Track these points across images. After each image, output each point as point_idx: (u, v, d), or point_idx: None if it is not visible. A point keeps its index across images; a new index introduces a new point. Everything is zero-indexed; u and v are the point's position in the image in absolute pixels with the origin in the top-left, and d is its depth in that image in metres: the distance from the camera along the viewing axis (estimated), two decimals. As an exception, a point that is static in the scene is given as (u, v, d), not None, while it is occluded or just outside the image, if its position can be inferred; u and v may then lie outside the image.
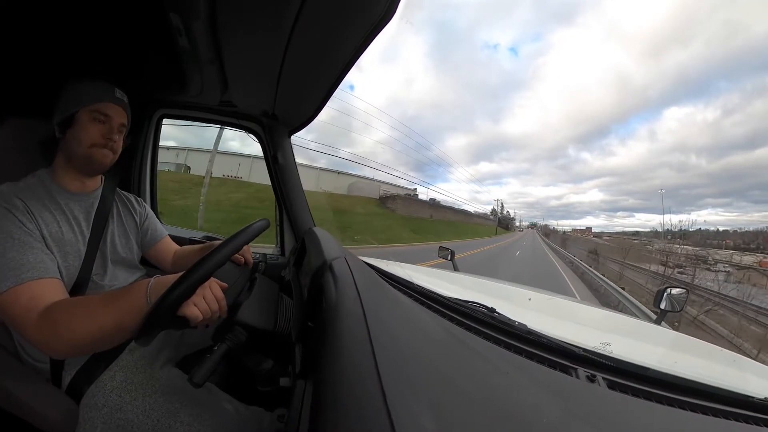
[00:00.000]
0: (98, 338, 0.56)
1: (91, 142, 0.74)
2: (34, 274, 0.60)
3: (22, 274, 0.59)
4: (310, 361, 0.49)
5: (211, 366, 0.63)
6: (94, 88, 0.75)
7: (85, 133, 0.73)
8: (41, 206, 0.69)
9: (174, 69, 0.97)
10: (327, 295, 0.54)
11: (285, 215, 1.46)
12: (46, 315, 0.57)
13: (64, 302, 0.61)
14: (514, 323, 0.65)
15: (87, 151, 0.74)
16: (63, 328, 0.56)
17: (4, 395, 0.63)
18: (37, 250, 0.64)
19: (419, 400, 0.31)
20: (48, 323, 0.57)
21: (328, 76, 0.87)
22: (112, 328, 0.55)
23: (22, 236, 0.63)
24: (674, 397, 0.51)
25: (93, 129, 0.74)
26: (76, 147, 0.73)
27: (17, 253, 0.61)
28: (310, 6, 0.60)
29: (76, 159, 0.75)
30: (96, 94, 0.75)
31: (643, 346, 0.87)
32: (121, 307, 0.56)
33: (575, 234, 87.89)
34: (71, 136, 0.73)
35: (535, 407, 0.38)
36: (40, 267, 0.62)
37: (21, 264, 0.60)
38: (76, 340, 0.56)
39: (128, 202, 0.94)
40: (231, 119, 1.38)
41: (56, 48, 0.88)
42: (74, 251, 0.73)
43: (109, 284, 0.80)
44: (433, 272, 1.45)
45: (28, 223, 0.65)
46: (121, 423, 0.66)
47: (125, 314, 0.55)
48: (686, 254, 16.15)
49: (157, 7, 0.68)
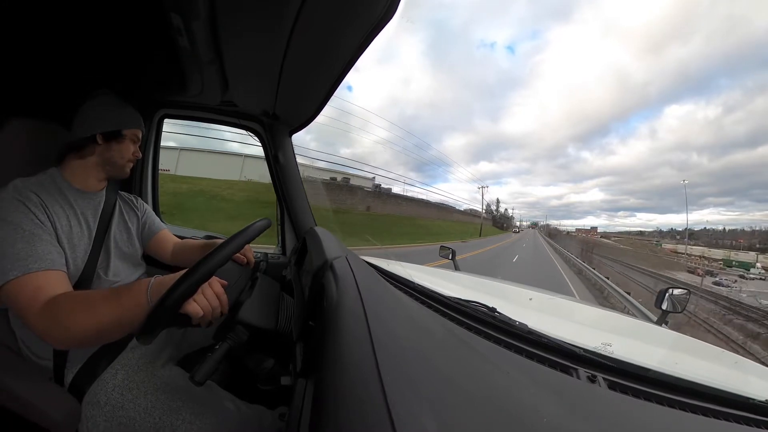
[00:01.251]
0: (97, 332, 0.58)
1: (128, 158, 0.87)
2: (41, 265, 0.62)
3: (29, 265, 0.61)
4: (311, 360, 0.49)
5: (212, 365, 0.63)
6: (135, 115, 0.89)
7: (127, 149, 0.87)
8: (53, 201, 0.72)
9: (175, 69, 0.98)
10: (328, 295, 0.54)
11: (286, 214, 1.47)
12: (49, 305, 0.59)
13: (67, 295, 0.62)
14: (515, 323, 0.66)
15: (124, 163, 0.87)
16: (64, 319, 0.58)
17: (7, 394, 0.63)
18: (46, 242, 0.66)
19: (420, 399, 0.31)
20: (50, 313, 0.58)
21: (328, 75, 0.88)
22: (112, 323, 0.57)
23: (32, 228, 0.65)
24: (675, 399, 0.50)
25: (132, 147, 0.88)
26: (119, 158, 0.85)
27: (26, 244, 0.63)
28: (310, 6, 0.60)
29: (112, 166, 0.85)
30: (137, 121, 0.90)
31: (644, 347, 0.86)
32: (122, 303, 0.58)
33: (579, 234, 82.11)
34: (116, 148, 0.84)
35: (535, 407, 0.38)
36: (47, 258, 0.64)
37: (29, 255, 0.62)
38: (77, 331, 0.57)
39: (129, 201, 0.98)
40: (232, 119, 1.39)
41: (61, 51, 0.89)
42: (82, 246, 0.76)
43: (112, 279, 0.82)
44: (434, 272, 1.45)
45: (40, 215, 0.67)
46: (123, 421, 0.67)
47: (125, 311, 0.57)
48: (711, 258, 14.13)
49: (157, 7, 0.68)
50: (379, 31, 0.64)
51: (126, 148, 0.86)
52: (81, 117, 0.81)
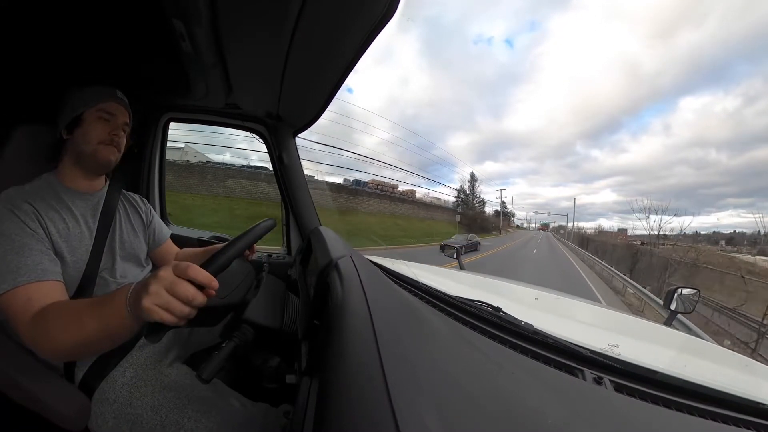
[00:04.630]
0: (86, 343, 0.57)
1: (99, 140, 0.77)
2: (30, 277, 0.61)
3: (18, 278, 0.60)
4: (315, 359, 0.49)
5: (218, 363, 0.64)
6: (97, 90, 0.79)
7: (93, 130, 0.76)
8: (47, 206, 0.71)
9: (179, 74, 0.99)
10: (333, 294, 0.55)
11: (291, 215, 1.48)
12: (38, 317, 0.59)
13: (55, 305, 0.61)
14: (521, 323, 0.65)
15: (95, 148, 0.77)
16: (52, 330, 0.58)
17: (20, 390, 0.65)
18: (36, 252, 0.64)
19: (424, 399, 0.31)
20: (38, 326, 0.58)
21: (330, 75, 0.88)
22: (99, 333, 0.56)
23: (22, 238, 0.64)
24: (683, 402, 0.50)
25: (99, 127, 0.77)
26: (85, 145, 0.76)
27: (16, 256, 0.62)
28: (311, 7, 0.60)
29: (84, 157, 0.77)
30: (99, 94, 0.79)
31: (653, 348, 0.85)
32: (104, 313, 0.56)
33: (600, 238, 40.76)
34: (79, 135, 0.76)
35: (539, 409, 0.38)
36: (38, 269, 0.63)
37: (18, 267, 0.61)
38: (65, 342, 0.57)
39: (134, 201, 0.97)
40: (236, 121, 1.40)
41: (66, 57, 0.90)
42: (82, 246, 0.75)
43: (119, 280, 0.82)
44: (439, 271, 1.44)
45: (31, 223, 0.66)
46: (131, 417, 0.68)
47: (108, 320, 0.55)
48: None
49: (159, 13, 0.69)
50: (380, 31, 0.64)
51: (91, 129, 0.76)
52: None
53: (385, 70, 42.18)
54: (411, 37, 63.88)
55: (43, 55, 0.89)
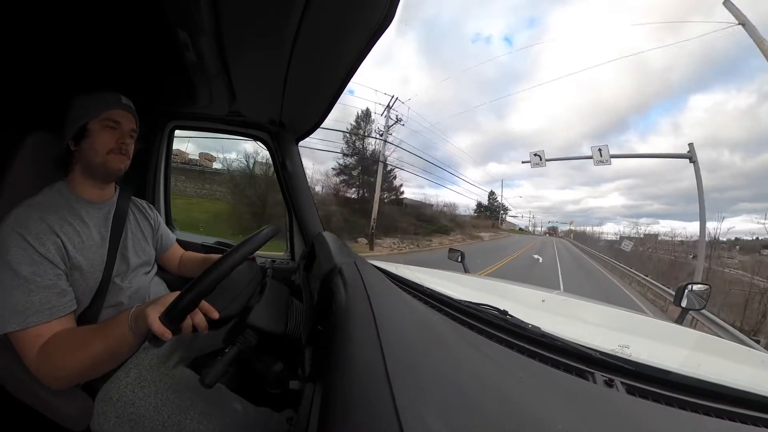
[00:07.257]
0: (92, 366, 0.63)
1: (108, 149, 0.76)
2: (39, 318, 0.62)
3: (27, 318, 0.62)
4: (319, 365, 0.49)
5: (221, 368, 0.64)
6: (101, 97, 0.78)
7: (100, 141, 0.76)
8: (61, 220, 0.70)
9: (184, 82, 1.01)
10: (337, 299, 0.54)
11: (294, 220, 1.49)
12: (45, 349, 0.62)
13: (61, 334, 0.64)
14: (528, 326, 0.64)
15: (104, 158, 0.76)
16: (60, 359, 0.62)
17: (22, 389, 0.66)
18: (43, 289, 0.64)
19: (429, 406, 0.30)
20: (46, 356, 0.62)
21: (332, 81, 0.89)
22: (104, 355, 0.62)
23: (30, 271, 0.63)
24: (699, 403, 0.48)
25: (106, 136, 0.77)
26: (94, 156, 0.76)
27: (23, 294, 0.62)
28: (311, 15, 0.61)
29: (94, 167, 0.77)
30: (103, 102, 0.77)
31: (665, 348, 0.83)
32: (110, 334, 0.63)
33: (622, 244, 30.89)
34: (87, 146, 0.76)
35: (549, 414, 0.37)
36: (45, 310, 0.63)
37: (26, 307, 0.62)
38: (73, 368, 0.62)
39: (142, 208, 0.98)
40: (239, 128, 1.42)
41: (74, 67, 0.93)
42: (97, 255, 0.76)
43: (129, 285, 0.83)
44: (444, 275, 1.44)
45: (41, 247, 0.64)
46: (133, 417, 0.69)
47: (115, 341, 0.62)
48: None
49: (165, 24, 0.71)
50: (380, 35, 0.64)
51: (98, 139, 0.75)
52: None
53: (385, 71, 42.19)
54: (409, 39, 63.59)
55: (51, 66, 0.92)
